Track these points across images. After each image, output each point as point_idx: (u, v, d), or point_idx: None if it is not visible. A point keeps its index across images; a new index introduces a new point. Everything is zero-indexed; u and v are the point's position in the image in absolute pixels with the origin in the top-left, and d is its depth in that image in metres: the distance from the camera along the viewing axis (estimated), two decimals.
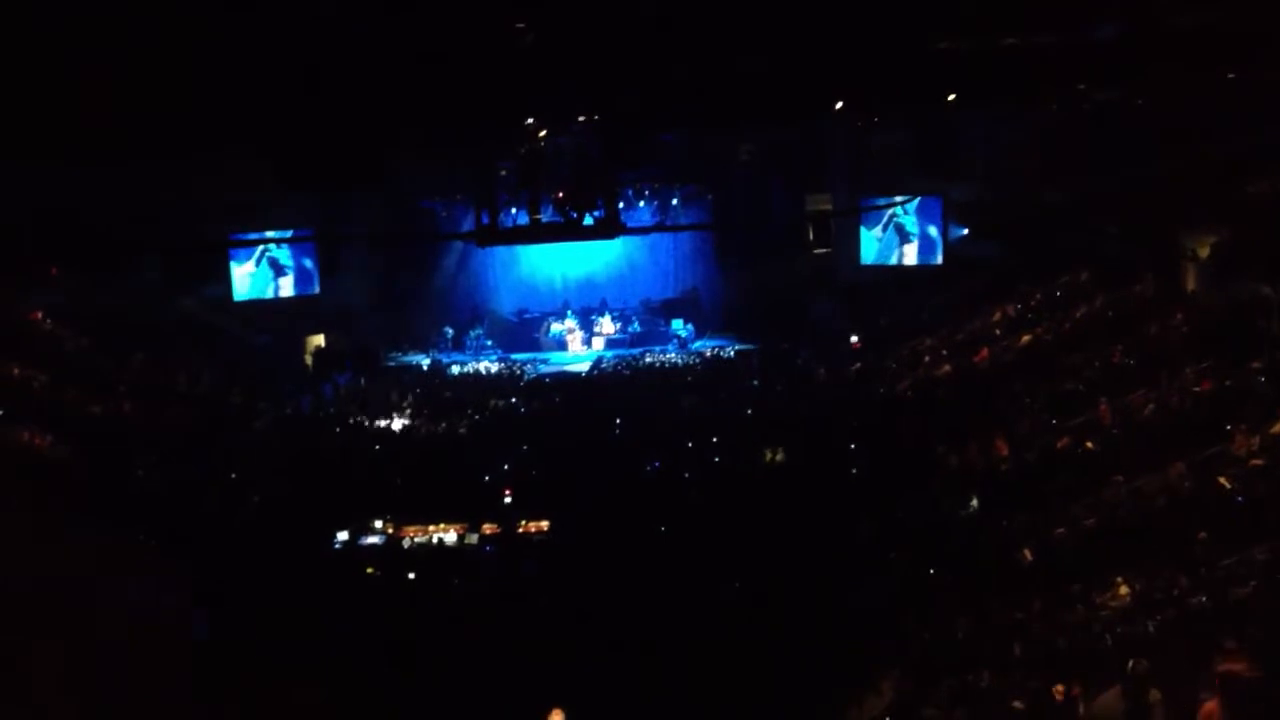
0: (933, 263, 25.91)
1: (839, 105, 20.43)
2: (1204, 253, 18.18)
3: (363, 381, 24.62)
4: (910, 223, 26.09)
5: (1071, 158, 21.49)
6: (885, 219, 26.49)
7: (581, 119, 21.90)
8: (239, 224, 25.71)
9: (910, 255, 26.30)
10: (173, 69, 17.05)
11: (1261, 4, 13.62)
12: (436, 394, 22.84)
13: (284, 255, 26.49)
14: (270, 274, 26.46)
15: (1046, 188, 22.75)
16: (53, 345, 21.42)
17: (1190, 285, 18.43)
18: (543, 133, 21.20)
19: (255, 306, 26.28)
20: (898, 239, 26.41)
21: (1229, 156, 17.71)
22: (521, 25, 15.70)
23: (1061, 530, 13.17)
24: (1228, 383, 14.60)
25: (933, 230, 25.81)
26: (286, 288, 26.64)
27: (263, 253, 26.29)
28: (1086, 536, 12.86)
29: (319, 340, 27.14)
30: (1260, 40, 14.43)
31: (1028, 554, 12.86)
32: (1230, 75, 16.53)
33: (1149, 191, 19.26)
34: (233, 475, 17.20)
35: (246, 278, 26.20)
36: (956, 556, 13.22)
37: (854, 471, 16.34)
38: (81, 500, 15.30)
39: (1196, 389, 14.88)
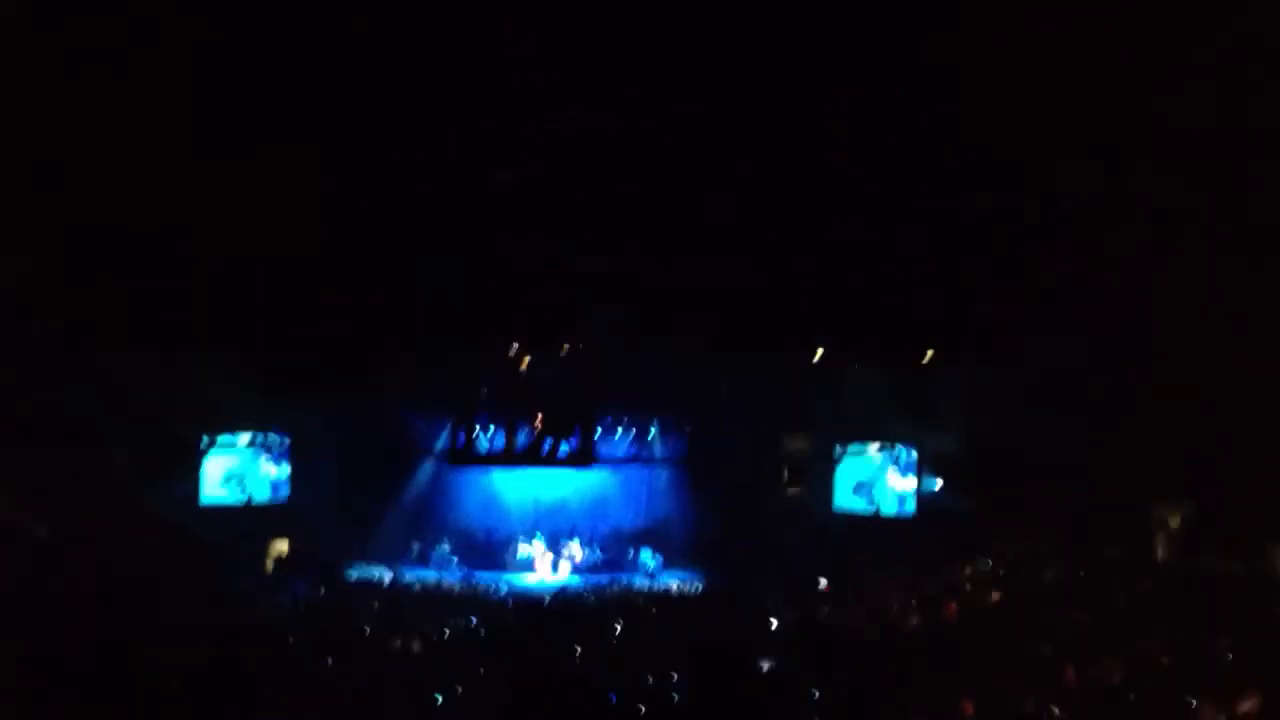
0: (905, 511, 25.94)
1: (820, 352, 20.86)
2: (1174, 523, 18.29)
3: (322, 592, 24.19)
4: (885, 470, 26.23)
5: (1047, 417, 21.78)
6: (861, 463, 26.68)
7: (566, 348, 22.24)
8: (211, 422, 25.81)
9: (883, 502, 26.35)
10: (169, 270, 17.43)
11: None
12: (394, 609, 22.41)
13: (254, 464, 26.54)
14: (238, 485, 26.40)
15: (1021, 445, 22.98)
16: (10, 531, 21.10)
17: (1160, 554, 18.47)
18: (526, 358, 21.54)
19: (222, 505, 26.10)
20: (872, 485, 26.52)
21: (1202, 428, 18.01)
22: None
23: None
24: (1195, 655, 14.47)
25: (907, 479, 25.93)
26: (256, 490, 26.52)
27: (234, 455, 26.38)
28: None
29: (281, 546, 26.79)
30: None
31: None
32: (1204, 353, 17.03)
33: (1122, 457, 19.48)
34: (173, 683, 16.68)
35: (218, 477, 26.11)
36: None
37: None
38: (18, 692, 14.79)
39: (1164, 659, 14.73)
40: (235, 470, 26.38)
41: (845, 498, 26.91)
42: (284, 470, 26.93)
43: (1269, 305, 16.35)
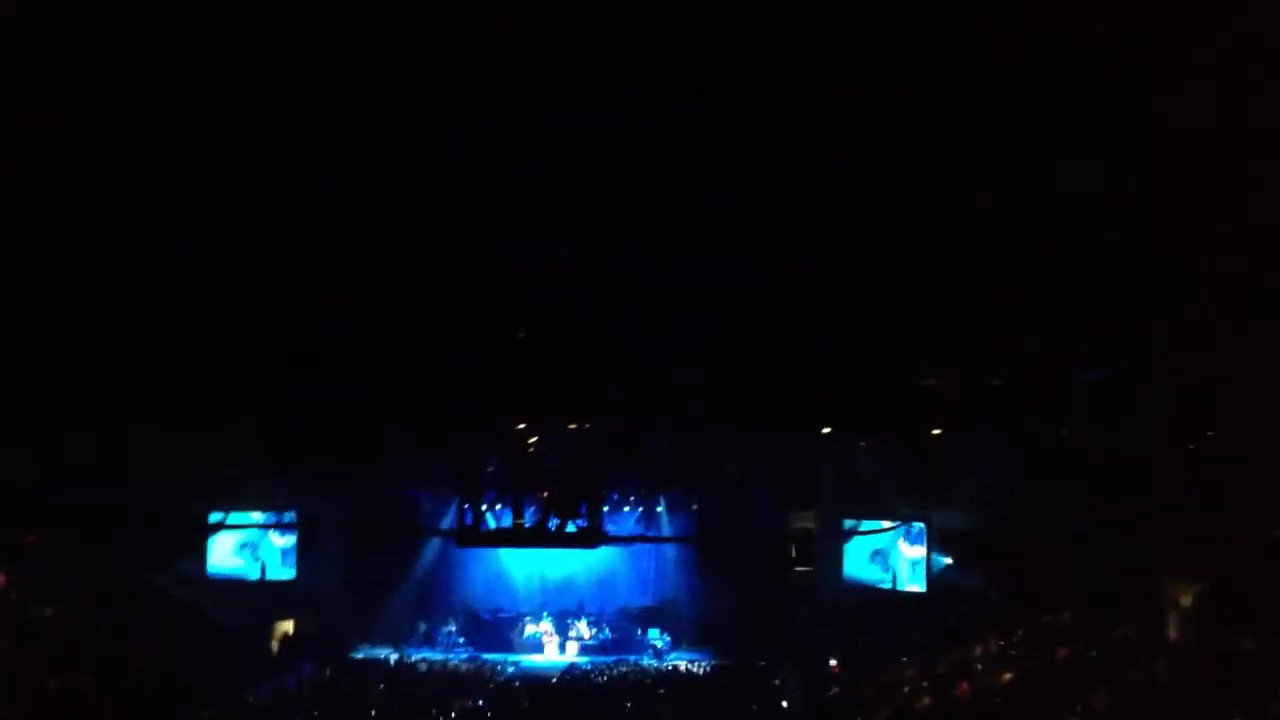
0: (915, 589, 25.77)
1: (827, 429, 20.81)
2: (1186, 601, 18.17)
3: (328, 672, 24.02)
4: (895, 547, 26.09)
5: (1057, 494, 21.70)
6: (870, 539, 26.53)
7: (573, 425, 22.16)
8: (219, 499, 25.79)
9: (899, 569, 26.19)
10: (173, 343, 17.41)
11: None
12: (401, 690, 22.24)
13: (265, 536, 26.45)
14: (250, 553, 26.34)
15: (1032, 522, 22.87)
16: (17, 614, 20.99)
17: (1173, 632, 18.31)
18: (533, 438, 21.51)
19: (229, 584, 25.98)
20: (882, 561, 26.36)
21: (1212, 507, 17.93)
22: (521, 333, 16.11)
23: None
24: None
25: (916, 556, 25.78)
26: (264, 568, 26.44)
27: (244, 536, 26.34)
28: None
29: (287, 625, 26.64)
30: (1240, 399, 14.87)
31: None
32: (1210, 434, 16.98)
33: (1133, 535, 19.39)
34: None
35: (227, 554, 26.09)
36: None
37: None
38: None
39: None
40: (248, 540, 26.34)
41: (861, 567, 26.73)
42: (292, 545, 26.86)
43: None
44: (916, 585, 25.71)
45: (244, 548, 26.35)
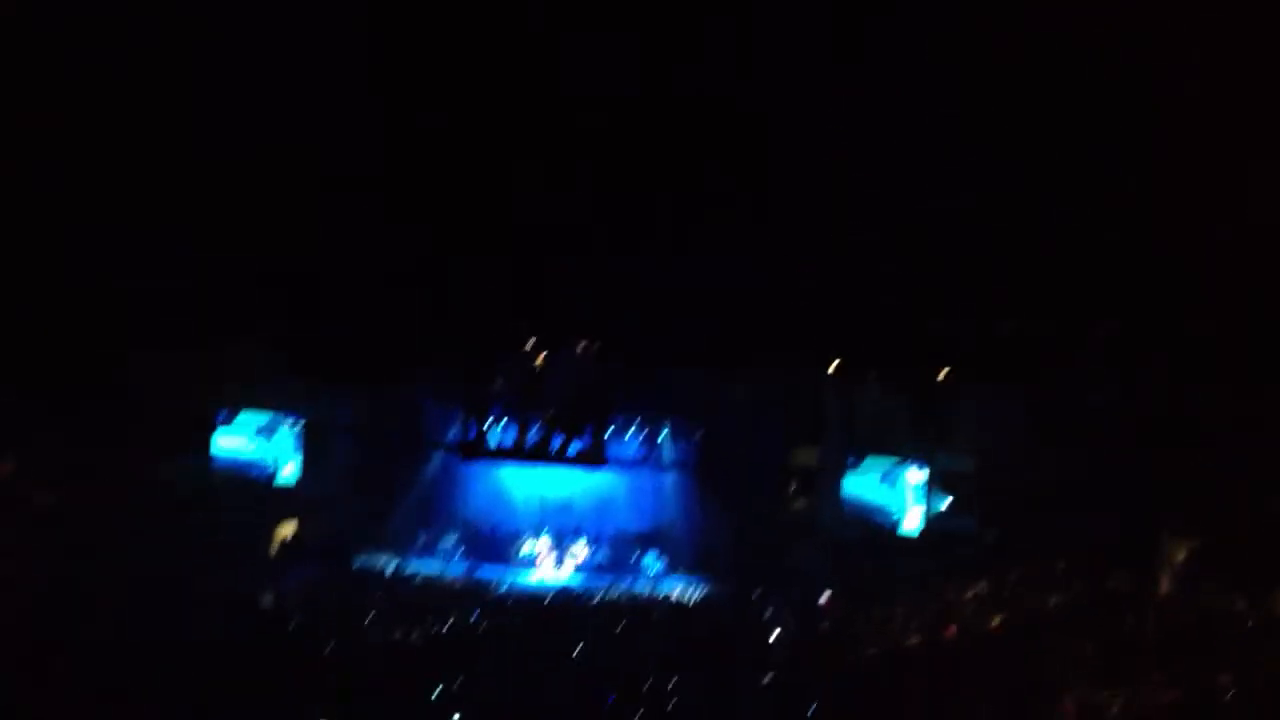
0: (912, 528, 25.91)
1: (833, 366, 20.82)
2: (1180, 556, 18.23)
3: (325, 577, 24.23)
4: (895, 486, 26.19)
5: (1060, 441, 21.71)
6: (870, 478, 26.64)
7: (583, 344, 22.23)
8: (230, 401, 25.99)
9: (891, 517, 26.32)
10: (174, 268, 17.41)
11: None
12: (397, 600, 22.45)
13: (269, 436, 26.70)
14: (255, 452, 26.59)
15: (1032, 468, 22.91)
16: (20, 505, 21.18)
17: (1165, 587, 18.39)
18: (543, 354, 21.58)
19: (233, 483, 26.22)
20: (881, 500, 26.48)
21: (1215, 465, 17.93)
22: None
23: None
24: (1195, 690, 14.41)
25: (916, 497, 25.89)
26: (269, 469, 26.70)
27: (250, 430, 26.62)
28: None
29: (288, 528, 26.86)
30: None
31: None
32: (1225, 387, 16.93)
33: (1133, 487, 19.41)
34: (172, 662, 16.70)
35: (232, 452, 26.34)
36: None
37: None
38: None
39: (1164, 694, 14.66)
40: (264, 427, 26.78)
41: (860, 504, 26.89)
42: (300, 444, 27.21)
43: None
44: (914, 525, 25.86)
45: (260, 433, 26.69)
